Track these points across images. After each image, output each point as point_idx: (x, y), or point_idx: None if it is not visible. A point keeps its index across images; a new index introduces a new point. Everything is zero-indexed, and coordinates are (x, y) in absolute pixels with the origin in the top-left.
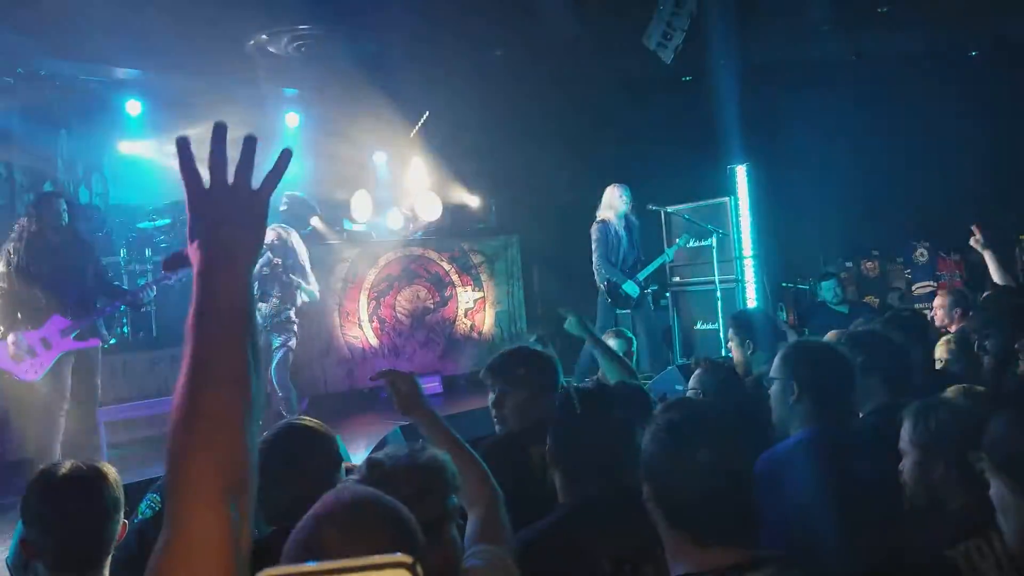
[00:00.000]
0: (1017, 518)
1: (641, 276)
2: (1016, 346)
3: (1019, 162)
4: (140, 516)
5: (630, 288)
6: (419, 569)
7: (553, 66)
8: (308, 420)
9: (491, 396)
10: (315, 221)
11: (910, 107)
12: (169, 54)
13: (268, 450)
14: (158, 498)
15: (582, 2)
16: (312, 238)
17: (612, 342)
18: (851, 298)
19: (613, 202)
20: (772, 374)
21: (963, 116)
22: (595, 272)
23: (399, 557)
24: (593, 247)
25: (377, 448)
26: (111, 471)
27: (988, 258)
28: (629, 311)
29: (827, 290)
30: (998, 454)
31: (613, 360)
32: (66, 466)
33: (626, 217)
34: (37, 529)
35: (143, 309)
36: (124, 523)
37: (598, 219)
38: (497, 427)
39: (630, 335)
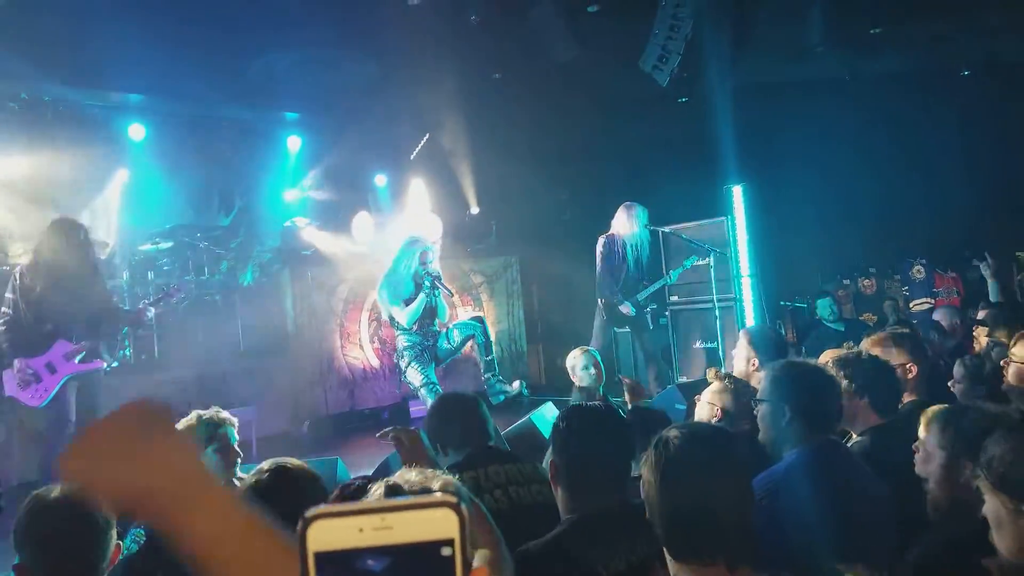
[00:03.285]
0: (1014, 536)
1: (640, 297)
2: (1002, 364)
3: (1014, 179)
4: (125, 551)
5: (628, 308)
6: (463, 509)
7: (550, 89)
8: (291, 463)
9: None
10: (300, 222)
11: (904, 126)
12: (172, 79)
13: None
14: (142, 532)
15: (578, 25)
16: (313, 260)
17: (580, 359)
18: (848, 316)
19: (626, 220)
20: (761, 395)
21: (957, 134)
22: (597, 288)
23: (444, 497)
24: (597, 262)
25: (379, 470)
26: None
27: (992, 285)
28: (628, 330)
29: (823, 308)
30: (995, 473)
31: None
32: (56, 489)
33: (637, 236)
34: (29, 551)
35: (144, 330)
36: (118, 544)
37: (606, 233)
38: None
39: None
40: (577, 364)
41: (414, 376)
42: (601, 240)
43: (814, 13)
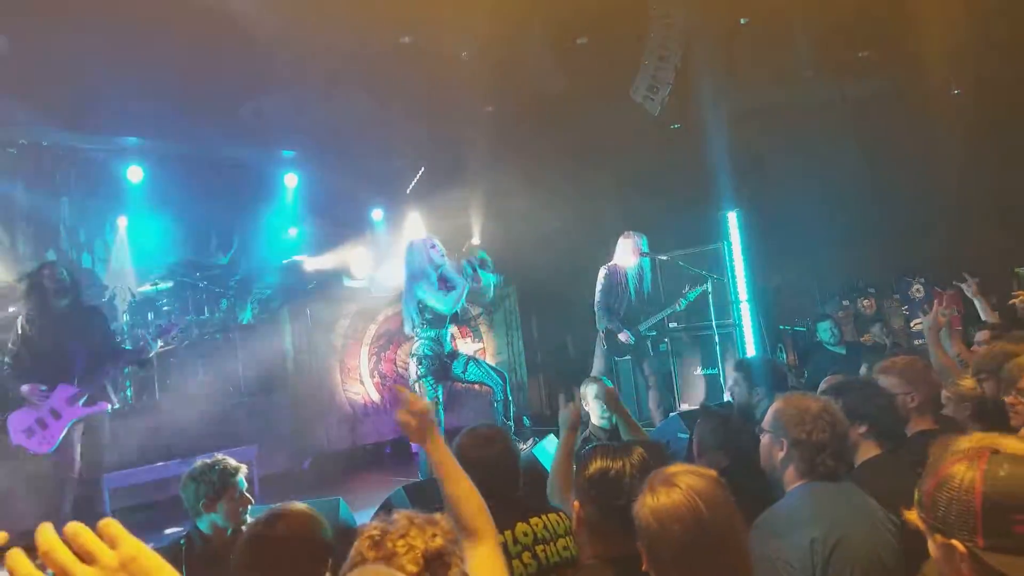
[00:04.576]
0: None
1: (644, 327)
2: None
3: (1008, 195)
4: None
5: (627, 336)
6: None
7: (543, 121)
8: (297, 507)
9: None
10: (298, 258)
11: (897, 146)
12: (168, 121)
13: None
14: None
15: (568, 58)
16: (312, 295)
17: (591, 388)
18: (849, 337)
19: (626, 250)
20: (765, 425)
21: (951, 152)
22: (596, 318)
23: None
24: (596, 290)
25: (381, 510)
26: None
27: (979, 304)
28: (629, 358)
29: (823, 331)
30: (928, 515)
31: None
32: None
33: (638, 265)
34: None
35: (146, 363)
36: None
37: (608, 264)
38: None
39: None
40: (588, 394)
41: (421, 391)
42: (602, 272)
43: (801, 39)
